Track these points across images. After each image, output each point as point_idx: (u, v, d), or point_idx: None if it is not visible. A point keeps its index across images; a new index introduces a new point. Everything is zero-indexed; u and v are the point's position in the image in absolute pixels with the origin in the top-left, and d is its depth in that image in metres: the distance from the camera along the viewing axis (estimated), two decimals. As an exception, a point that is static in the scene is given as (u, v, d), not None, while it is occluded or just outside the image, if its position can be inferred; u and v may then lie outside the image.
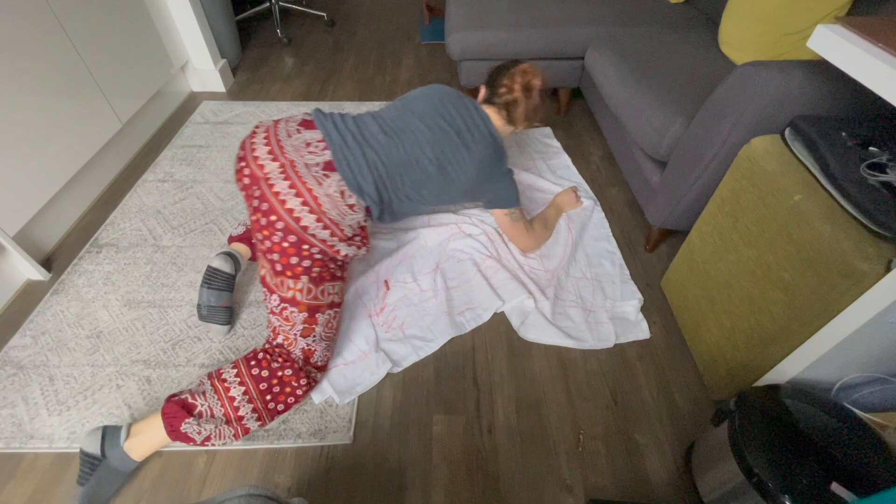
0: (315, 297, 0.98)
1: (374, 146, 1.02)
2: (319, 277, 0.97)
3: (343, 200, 0.94)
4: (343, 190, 0.95)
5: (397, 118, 1.09)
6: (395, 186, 1.04)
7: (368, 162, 0.99)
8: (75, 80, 1.44)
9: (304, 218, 0.92)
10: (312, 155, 0.97)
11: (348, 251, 0.98)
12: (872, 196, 0.76)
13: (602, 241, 1.48)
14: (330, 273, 0.99)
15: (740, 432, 0.79)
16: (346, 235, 0.96)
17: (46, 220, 1.41)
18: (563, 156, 1.79)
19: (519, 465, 1.01)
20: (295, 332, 0.98)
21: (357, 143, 1.01)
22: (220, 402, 0.93)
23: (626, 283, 1.36)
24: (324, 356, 1.04)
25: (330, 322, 1.03)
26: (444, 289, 1.30)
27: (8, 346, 1.17)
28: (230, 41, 2.25)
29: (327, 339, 1.03)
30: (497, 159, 1.16)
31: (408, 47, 2.58)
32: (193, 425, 0.91)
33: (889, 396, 0.83)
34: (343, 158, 0.98)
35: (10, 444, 1.01)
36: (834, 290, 0.77)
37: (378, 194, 1.00)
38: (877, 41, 0.72)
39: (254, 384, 0.95)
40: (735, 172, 0.98)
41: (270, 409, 0.97)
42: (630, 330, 1.24)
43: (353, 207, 0.96)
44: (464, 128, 1.11)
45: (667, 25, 1.73)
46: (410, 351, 1.18)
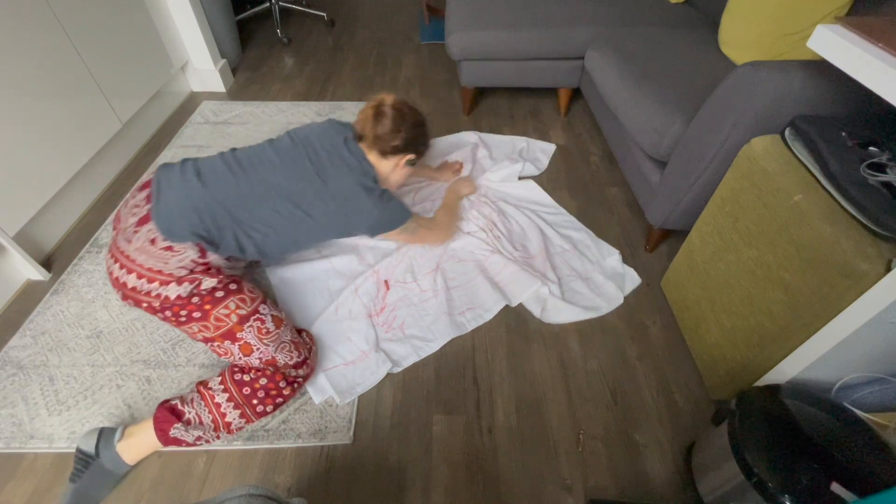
0: (217, 327, 0.97)
1: (208, 184, 1.01)
2: (201, 312, 0.96)
3: (155, 247, 0.93)
4: (153, 238, 0.94)
5: (254, 154, 1.09)
6: (233, 221, 1.01)
7: (192, 201, 0.98)
8: (75, 81, 1.44)
9: (129, 281, 0.93)
10: (133, 217, 0.98)
11: (179, 290, 0.93)
12: (872, 196, 0.76)
13: (555, 213, 1.57)
14: (205, 303, 0.96)
15: (740, 432, 0.79)
16: (178, 276, 0.93)
17: (46, 220, 1.41)
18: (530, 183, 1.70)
19: (519, 465, 1.01)
20: (239, 357, 0.99)
21: (182, 186, 1.00)
22: (208, 409, 0.95)
23: (597, 242, 1.46)
24: (289, 355, 1.02)
25: (260, 329, 1.00)
26: (444, 289, 1.30)
27: (8, 346, 1.17)
28: (230, 41, 2.25)
29: (272, 342, 1.00)
30: (363, 189, 1.11)
31: (408, 47, 2.58)
32: (181, 430, 0.93)
33: (889, 396, 0.83)
34: (158, 207, 0.96)
35: (10, 444, 1.01)
36: (834, 290, 0.77)
37: (204, 230, 0.97)
38: (877, 41, 0.72)
39: (237, 390, 0.97)
40: (735, 172, 0.98)
41: (259, 412, 0.98)
42: (625, 282, 1.35)
43: (172, 249, 0.93)
44: (326, 162, 1.10)
45: (667, 25, 1.73)
46: (410, 351, 1.18)
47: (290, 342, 1.03)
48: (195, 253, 0.96)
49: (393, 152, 1.17)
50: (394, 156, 1.18)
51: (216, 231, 0.99)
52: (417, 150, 1.21)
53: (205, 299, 0.96)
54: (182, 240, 0.95)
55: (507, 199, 1.60)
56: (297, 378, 1.02)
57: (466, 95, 1.99)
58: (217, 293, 0.98)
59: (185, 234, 0.95)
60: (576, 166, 1.77)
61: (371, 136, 1.15)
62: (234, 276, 1.04)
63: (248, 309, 1.00)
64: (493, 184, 1.66)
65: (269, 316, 1.03)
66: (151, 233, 0.94)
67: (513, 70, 1.87)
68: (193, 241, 0.95)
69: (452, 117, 2.03)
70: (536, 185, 1.65)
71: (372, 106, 1.18)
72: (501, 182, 1.66)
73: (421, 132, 1.21)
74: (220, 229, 0.99)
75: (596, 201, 1.62)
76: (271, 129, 1.91)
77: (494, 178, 1.67)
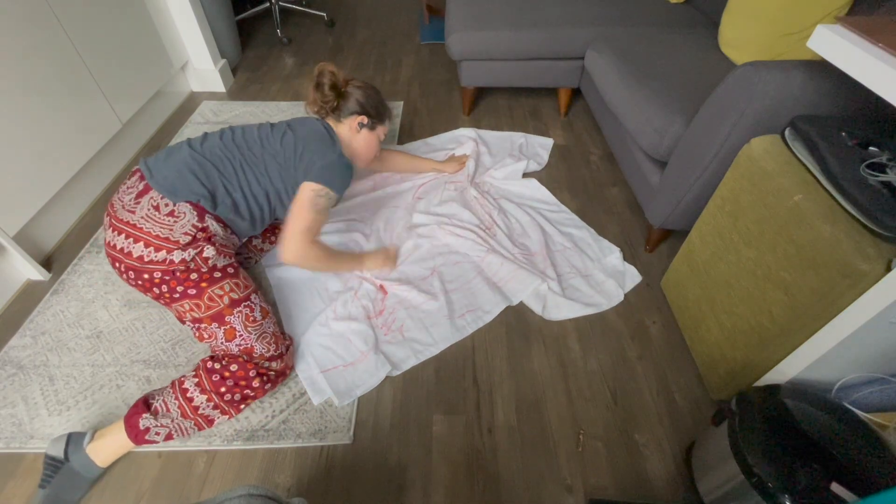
0: (209, 307, 1.01)
1: (194, 147, 1.06)
2: (196, 289, 0.99)
3: (160, 213, 0.97)
4: (156, 204, 0.97)
5: (239, 129, 1.14)
6: (220, 175, 1.04)
7: (183, 161, 1.02)
8: (75, 81, 1.44)
9: (134, 249, 0.96)
10: (129, 194, 1.00)
11: (185, 255, 0.97)
12: (872, 196, 0.76)
13: (557, 211, 1.57)
14: (203, 280, 1.00)
15: (740, 432, 0.79)
16: (183, 243, 0.97)
17: (46, 220, 1.41)
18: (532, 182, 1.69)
19: (519, 465, 1.01)
20: (220, 342, 1.02)
21: (174, 156, 1.04)
22: (174, 396, 0.98)
23: (598, 240, 1.47)
24: (268, 346, 1.04)
25: (248, 316, 1.03)
26: (442, 291, 1.30)
27: (8, 346, 1.17)
28: (230, 41, 2.25)
29: (255, 331, 1.03)
30: (328, 137, 1.15)
31: (408, 47, 2.58)
32: (150, 420, 0.95)
33: (889, 396, 0.83)
34: (154, 177, 1.00)
35: (10, 444, 1.01)
36: (834, 290, 0.77)
37: (201, 185, 1.01)
38: (877, 41, 0.72)
39: (207, 377, 0.99)
40: (735, 172, 0.98)
41: (229, 401, 1.00)
42: (626, 279, 1.36)
43: (174, 214, 0.97)
44: (298, 123, 1.18)
45: (667, 25, 1.73)
46: (410, 354, 1.18)
47: (272, 334, 1.06)
48: (195, 216, 0.99)
49: (342, 112, 1.21)
50: (345, 117, 1.21)
51: (210, 186, 1.02)
52: (367, 112, 1.22)
53: (203, 276, 1.00)
54: (184, 197, 0.99)
55: (510, 196, 1.60)
56: (268, 371, 1.04)
57: (466, 95, 1.99)
58: (215, 273, 1.02)
59: (185, 192, 0.99)
60: (576, 166, 1.77)
61: (319, 102, 1.19)
62: (233, 262, 1.07)
63: (241, 294, 1.04)
64: (496, 181, 1.66)
65: (259, 306, 1.07)
66: (153, 200, 0.98)
67: (513, 70, 1.87)
68: (193, 199, 0.99)
69: (452, 117, 2.03)
70: (539, 183, 1.65)
71: (311, 77, 1.21)
72: (504, 180, 1.66)
73: (365, 94, 1.22)
74: (212, 183, 1.02)
75: (596, 201, 1.62)
76: (271, 129, 1.91)
77: (498, 175, 1.67)
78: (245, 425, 1.04)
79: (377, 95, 1.25)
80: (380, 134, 1.28)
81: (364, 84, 1.24)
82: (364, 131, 1.23)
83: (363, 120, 1.21)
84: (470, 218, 1.49)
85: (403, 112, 2.06)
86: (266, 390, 1.04)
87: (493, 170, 1.69)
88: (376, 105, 1.24)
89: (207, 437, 1.02)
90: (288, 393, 1.10)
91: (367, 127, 1.23)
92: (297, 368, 1.14)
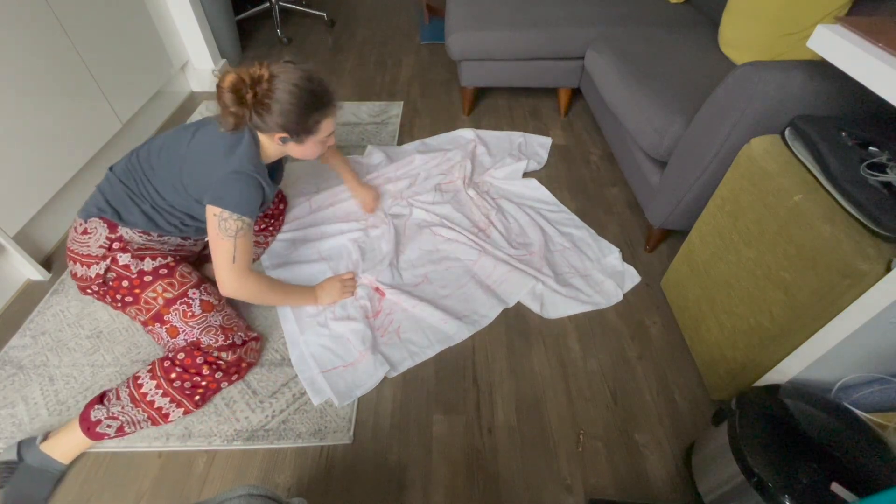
0: (147, 309, 1.04)
1: (115, 169, 1.07)
2: (132, 296, 1.03)
3: (77, 233, 1.03)
4: (75, 226, 1.04)
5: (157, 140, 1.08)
6: (127, 190, 1.04)
7: (100, 186, 1.06)
8: (75, 80, 1.44)
9: (74, 269, 1.05)
10: None
11: (98, 269, 1.02)
12: (872, 196, 0.76)
13: (556, 211, 1.57)
14: (134, 286, 1.03)
15: (740, 432, 0.79)
16: (99, 256, 1.01)
17: (46, 220, 1.41)
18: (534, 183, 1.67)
19: (519, 465, 1.01)
20: (167, 340, 1.06)
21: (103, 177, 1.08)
22: (125, 385, 1.01)
23: (597, 240, 1.47)
24: (215, 338, 1.05)
25: (186, 312, 1.04)
26: (437, 297, 1.29)
27: (8, 346, 1.17)
28: (230, 41, 2.25)
29: (198, 325, 1.05)
30: (220, 148, 0.99)
31: (408, 47, 2.58)
32: (102, 411, 0.97)
33: (889, 396, 0.83)
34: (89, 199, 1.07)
35: (10, 443, 1.00)
36: (834, 290, 0.77)
37: (107, 203, 1.03)
38: (877, 41, 0.72)
39: (159, 365, 1.03)
40: (735, 172, 0.98)
41: (179, 389, 1.01)
42: (625, 280, 1.36)
43: (87, 231, 1.02)
44: (206, 127, 1.04)
45: (667, 25, 1.73)
46: (406, 356, 1.17)
47: (219, 326, 1.07)
48: (105, 229, 1.02)
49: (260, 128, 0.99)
50: (265, 132, 1.00)
51: (117, 202, 1.03)
52: (287, 129, 0.98)
53: (134, 282, 1.03)
54: (89, 215, 1.03)
55: (509, 196, 1.60)
56: (217, 360, 1.05)
57: (466, 95, 1.99)
58: (145, 277, 1.03)
59: (92, 211, 1.03)
60: (576, 166, 1.77)
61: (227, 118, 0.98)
62: (167, 263, 1.06)
63: (176, 293, 1.05)
64: (497, 181, 1.66)
65: (198, 300, 1.06)
66: (75, 222, 1.04)
67: (513, 70, 1.87)
68: (97, 214, 1.02)
69: (452, 117, 2.03)
70: (538, 182, 1.65)
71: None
72: (504, 180, 1.66)
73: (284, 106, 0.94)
74: (120, 199, 1.04)
75: (596, 201, 1.62)
76: (271, 129, 1.91)
77: (498, 175, 1.67)
78: (245, 425, 1.04)
79: (306, 99, 0.96)
80: (316, 141, 1.05)
81: (291, 86, 0.94)
82: (291, 143, 1.03)
83: (283, 136, 1.00)
84: (461, 220, 1.49)
85: (403, 112, 2.06)
86: (218, 379, 1.05)
87: (493, 169, 1.69)
88: (299, 118, 0.97)
89: (207, 437, 1.02)
90: (288, 393, 1.10)
91: (292, 141, 1.02)
92: (296, 368, 1.14)
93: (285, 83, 0.94)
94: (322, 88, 1.00)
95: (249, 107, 0.94)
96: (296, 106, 0.95)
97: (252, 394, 1.10)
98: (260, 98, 0.94)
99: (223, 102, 0.95)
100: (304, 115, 0.97)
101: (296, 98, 0.95)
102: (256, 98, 0.93)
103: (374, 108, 2.06)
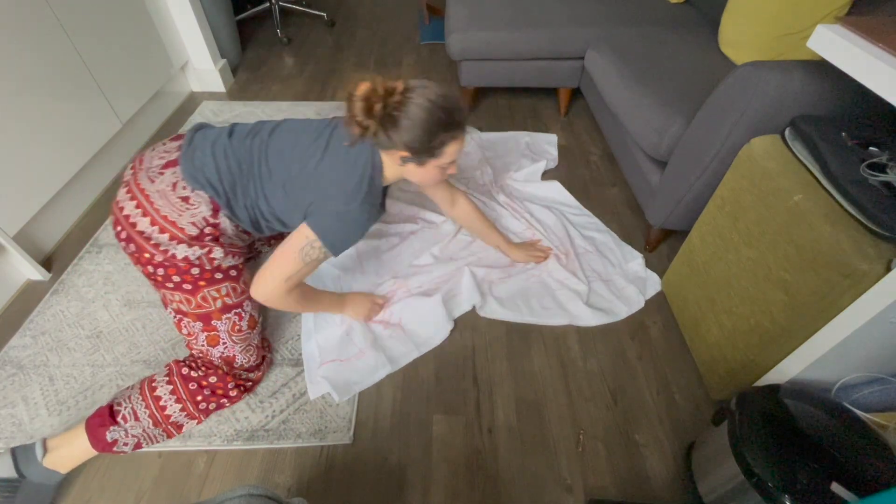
0: (199, 306, 0.95)
1: (233, 141, 0.96)
2: (193, 285, 0.94)
3: (175, 193, 0.90)
4: (175, 182, 0.91)
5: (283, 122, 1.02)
6: (241, 179, 0.95)
7: (214, 153, 0.94)
8: (75, 80, 1.44)
9: (140, 222, 0.89)
10: (159, 160, 0.94)
11: (189, 252, 0.91)
12: (872, 196, 0.76)
13: (579, 214, 1.55)
14: (202, 278, 0.94)
15: (740, 432, 0.79)
16: (190, 234, 0.91)
17: (46, 220, 1.40)
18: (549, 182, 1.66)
19: (519, 465, 1.01)
20: (202, 345, 0.99)
21: (211, 139, 0.96)
22: (145, 405, 0.95)
23: (621, 245, 1.45)
24: (249, 358, 1.04)
25: (235, 324, 0.99)
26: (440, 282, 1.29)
27: (8, 346, 1.17)
28: (230, 41, 2.25)
29: (241, 341, 1.01)
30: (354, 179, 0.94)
31: (408, 47, 2.57)
32: (118, 432, 0.92)
33: (889, 396, 0.83)
34: (187, 154, 0.93)
35: (10, 444, 1.00)
36: (834, 290, 0.77)
37: (219, 182, 0.93)
38: (877, 41, 0.72)
39: (183, 385, 0.97)
40: (735, 172, 0.98)
41: (202, 409, 1.00)
42: (647, 287, 1.34)
43: (189, 200, 0.91)
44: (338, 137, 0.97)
45: (667, 25, 1.73)
46: (412, 348, 1.18)
47: (256, 346, 1.05)
48: (208, 209, 0.92)
49: (382, 143, 0.94)
50: (386, 148, 0.95)
51: (229, 186, 0.94)
52: (410, 149, 0.92)
53: (204, 274, 0.94)
54: (201, 187, 0.91)
55: (534, 199, 1.59)
56: (247, 381, 1.04)
57: (466, 95, 1.99)
58: (217, 274, 0.95)
59: (203, 182, 0.92)
60: (576, 166, 1.77)
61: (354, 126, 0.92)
62: (237, 264, 1.01)
63: (234, 300, 0.99)
64: (518, 183, 1.65)
65: (248, 315, 1.02)
66: (175, 176, 0.92)
67: (513, 70, 1.87)
68: (209, 192, 0.92)
69: (452, 117, 2.03)
70: (560, 185, 1.64)
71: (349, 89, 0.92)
72: (525, 182, 1.65)
73: (414, 123, 0.89)
74: (231, 185, 0.94)
75: (596, 201, 1.62)
76: (271, 129, 1.91)
77: (519, 177, 1.67)
78: (245, 425, 1.04)
79: (437, 116, 0.90)
80: (438, 165, 0.98)
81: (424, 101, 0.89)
82: (410, 165, 0.97)
83: (405, 155, 0.94)
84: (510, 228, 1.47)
85: (403, 112, 2.06)
86: (241, 397, 1.05)
87: (513, 171, 1.68)
88: (426, 140, 0.92)
89: (207, 437, 1.02)
90: (288, 393, 1.10)
91: (412, 162, 0.96)
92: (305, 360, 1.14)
93: (419, 97, 0.89)
94: (455, 108, 0.93)
95: (377, 119, 0.88)
96: (425, 122, 0.89)
97: (252, 394, 1.10)
98: (389, 111, 0.88)
99: (352, 111, 0.89)
100: (431, 133, 0.91)
101: (426, 114, 0.89)
102: (386, 110, 0.88)
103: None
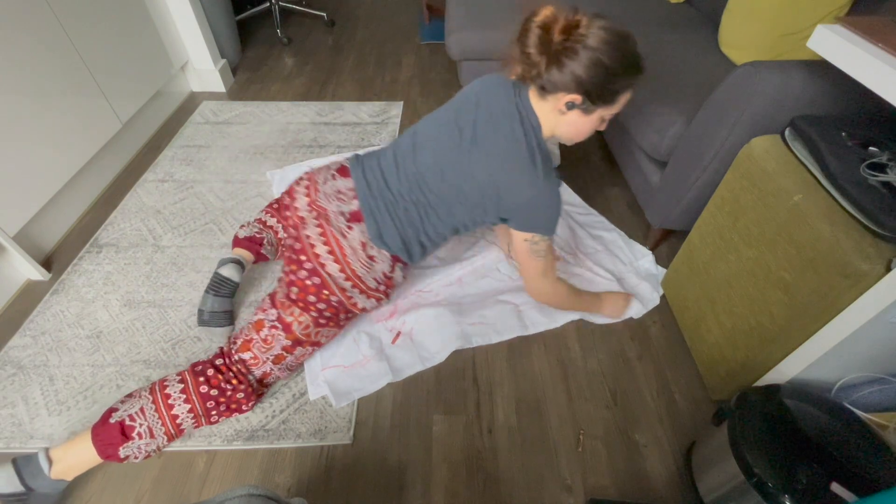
0: (308, 335, 1.00)
1: (392, 188, 0.97)
2: (326, 321, 1.00)
3: (364, 252, 0.95)
4: (364, 241, 0.95)
5: (410, 140, 1.00)
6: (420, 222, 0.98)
7: (389, 210, 0.96)
8: (75, 80, 1.44)
9: (329, 265, 0.94)
10: (341, 203, 0.97)
11: (366, 304, 0.99)
12: (872, 196, 0.76)
13: (585, 214, 1.54)
14: (336, 321, 1.02)
15: (740, 432, 0.79)
16: (369, 287, 0.97)
17: (46, 220, 1.40)
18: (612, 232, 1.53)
19: (519, 465, 1.01)
20: (268, 356, 0.99)
21: (379, 188, 0.97)
22: (161, 422, 0.92)
23: (629, 243, 1.44)
24: (276, 378, 1.05)
25: (304, 356, 1.04)
26: (459, 296, 1.28)
27: (8, 346, 1.17)
28: (230, 41, 2.25)
29: (291, 368, 1.05)
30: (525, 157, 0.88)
31: (408, 47, 2.57)
32: (132, 448, 0.90)
33: (889, 396, 0.83)
34: (368, 207, 0.96)
35: (10, 444, 1.01)
36: (834, 290, 0.77)
37: (401, 240, 0.97)
38: (877, 41, 0.72)
39: (200, 402, 0.95)
40: (735, 172, 0.98)
41: (213, 421, 1.00)
42: (659, 283, 1.33)
43: (374, 259, 0.96)
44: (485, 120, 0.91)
45: (667, 25, 1.73)
46: (416, 360, 1.16)
47: (291, 375, 1.11)
48: (388, 266, 0.97)
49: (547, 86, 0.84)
50: (551, 93, 0.85)
51: (410, 237, 0.98)
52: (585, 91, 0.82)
53: (348, 317, 1.02)
54: (386, 248, 0.96)
55: None
56: (261, 393, 1.05)
57: (466, 95, 1.98)
58: (350, 319, 1.04)
59: (388, 240, 0.96)
60: (576, 166, 1.77)
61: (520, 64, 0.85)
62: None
63: (327, 341, 1.07)
64: None
65: (313, 352, 1.10)
66: (363, 235, 0.95)
67: (513, 70, 1.87)
68: (393, 251, 0.97)
69: (452, 117, 2.03)
70: (565, 185, 1.63)
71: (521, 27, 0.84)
72: None
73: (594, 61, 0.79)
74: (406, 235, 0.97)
75: (596, 201, 1.62)
76: (271, 130, 1.91)
77: None
78: (245, 425, 1.04)
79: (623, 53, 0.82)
80: (601, 116, 0.90)
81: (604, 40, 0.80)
82: (573, 113, 0.87)
83: (575, 100, 0.84)
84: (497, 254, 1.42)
85: (403, 112, 2.06)
86: (251, 409, 1.05)
87: None
88: (605, 80, 0.82)
89: (207, 437, 1.02)
90: (288, 393, 1.10)
91: (578, 108, 0.86)
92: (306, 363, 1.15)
93: (604, 31, 0.80)
94: (638, 53, 0.84)
95: (550, 53, 0.79)
96: (608, 58, 0.80)
97: (252, 394, 1.10)
98: (570, 42, 0.78)
99: (523, 42, 0.81)
100: (613, 74, 0.82)
101: (612, 49, 0.80)
102: (565, 43, 0.78)
103: (375, 108, 2.06)
